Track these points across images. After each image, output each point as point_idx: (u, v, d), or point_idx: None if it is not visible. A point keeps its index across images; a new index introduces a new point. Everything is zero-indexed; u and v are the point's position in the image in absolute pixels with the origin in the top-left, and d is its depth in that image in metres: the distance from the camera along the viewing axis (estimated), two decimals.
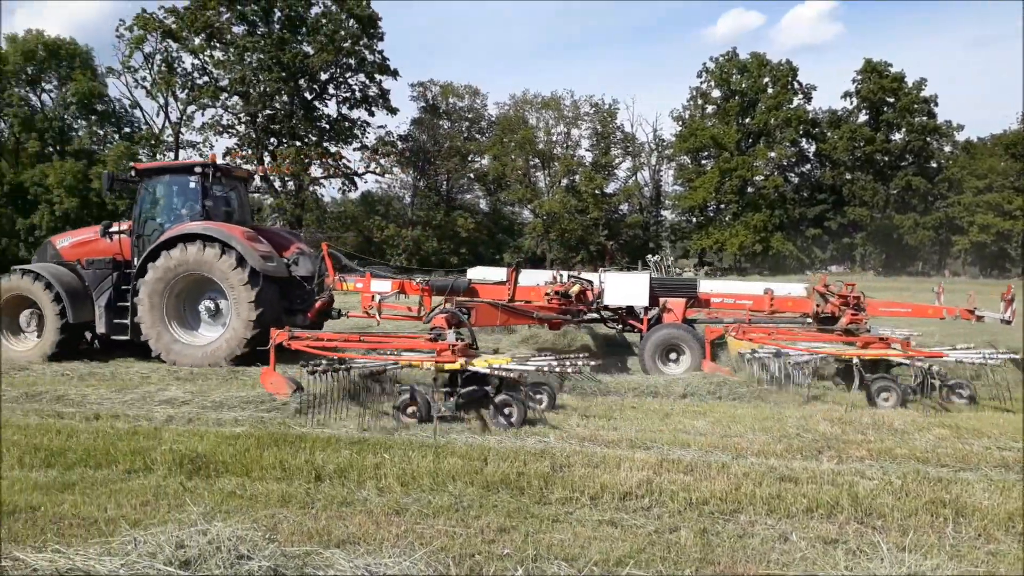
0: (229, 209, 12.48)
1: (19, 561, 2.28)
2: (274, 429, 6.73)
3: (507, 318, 10.94)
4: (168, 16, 52.70)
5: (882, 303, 10.59)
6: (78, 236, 12.70)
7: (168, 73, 54.73)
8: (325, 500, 4.80)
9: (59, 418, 7.24)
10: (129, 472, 5.38)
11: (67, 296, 11.26)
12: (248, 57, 52.88)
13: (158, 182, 12.21)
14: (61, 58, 55.92)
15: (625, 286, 10.94)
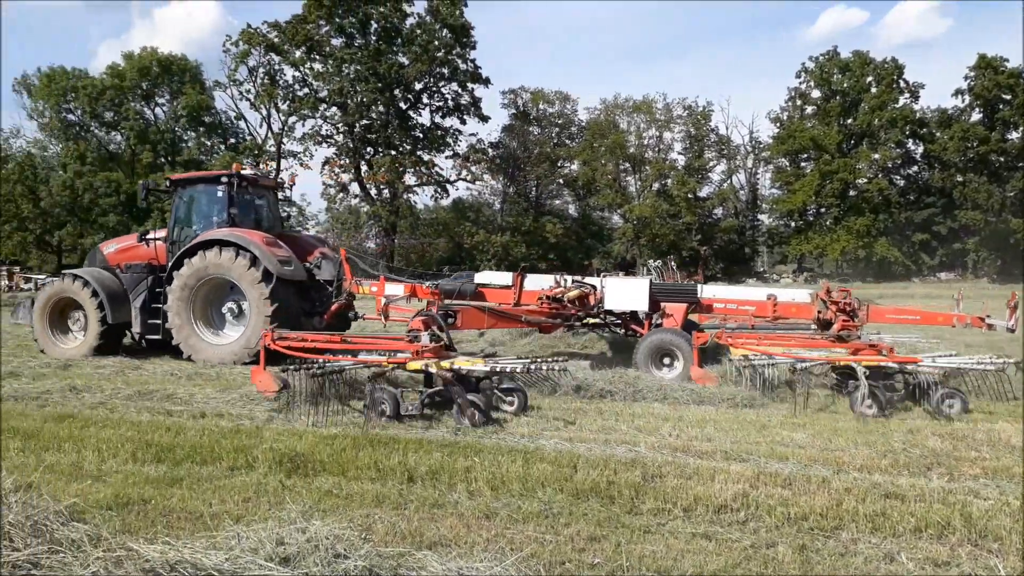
0: (258, 216, 13.02)
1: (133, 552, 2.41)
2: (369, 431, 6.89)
3: (494, 322, 10.98)
4: (271, 31, 55.04)
5: (890, 310, 10.39)
6: (121, 243, 13.48)
7: (270, 85, 57.09)
8: (417, 501, 4.87)
9: (168, 416, 7.63)
10: (232, 469, 5.61)
11: (107, 298, 12.07)
12: (346, 69, 54.58)
13: (190, 191, 12.89)
14: (173, 73, 59.25)
15: (625, 291, 10.93)
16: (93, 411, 7.81)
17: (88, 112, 58.68)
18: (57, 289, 12.68)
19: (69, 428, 6.87)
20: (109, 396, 8.58)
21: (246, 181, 12.64)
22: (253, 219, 12.81)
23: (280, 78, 57.98)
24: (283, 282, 11.33)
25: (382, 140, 56.41)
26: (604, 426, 7.20)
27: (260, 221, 12.98)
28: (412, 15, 55.68)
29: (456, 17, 54.53)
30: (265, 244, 11.47)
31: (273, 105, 58.64)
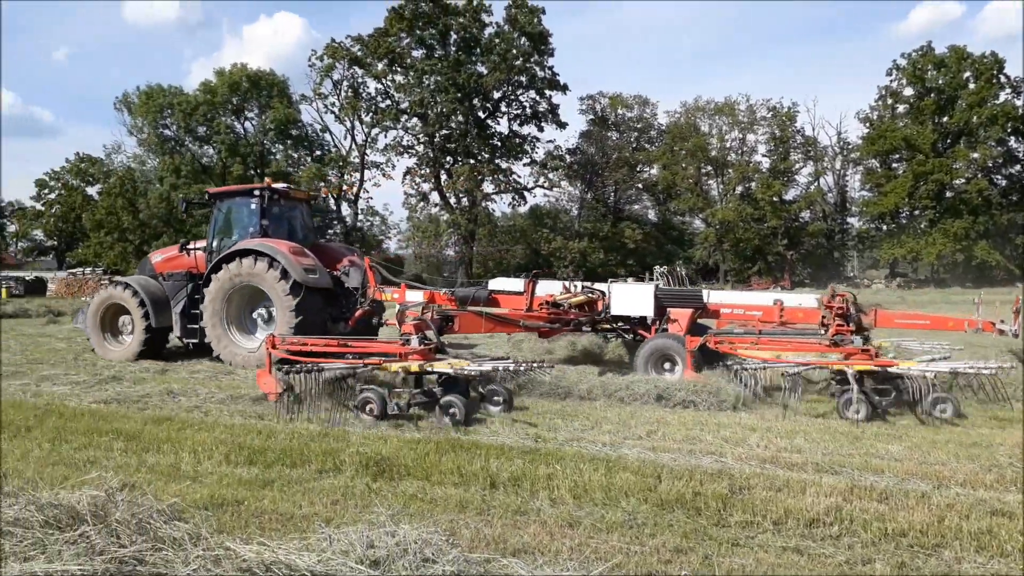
0: (291, 227, 13.66)
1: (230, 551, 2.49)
2: (449, 435, 6.96)
3: (492, 326, 11.25)
4: (354, 44, 56.51)
5: (898, 315, 10.31)
6: (166, 253, 14.33)
7: (354, 98, 58.58)
8: (500, 508, 4.88)
9: (260, 419, 7.88)
10: (320, 472, 5.74)
11: (151, 304, 12.93)
12: (426, 80, 55.53)
13: (227, 204, 13.65)
14: (261, 88, 61.51)
15: (630, 297, 11.19)
16: (189, 414, 8.14)
17: (183, 127, 61.53)
18: (107, 296, 13.53)
19: (167, 430, 7.18)
20: (203, 400, 8.93)
21: (278, 194, 13.31)
22: (286, 230, 13.47)
23: (363, 91, 59.45)
24: (309, 289, 11.82)
25: (461, 149, 57.11)
26: (688, 436, 7.06)
27: (293, 232, 13.63)
28: (491, 24, 56.26)
29: (534, 25, 54.81)
30: (292, 253, 12.00)
31: (357, 117, 60.15)
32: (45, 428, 7.26)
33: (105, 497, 2.94)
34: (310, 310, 11.75)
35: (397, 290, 11.53)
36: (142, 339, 12.98)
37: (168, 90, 62.14)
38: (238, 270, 12.13)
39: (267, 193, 13.00)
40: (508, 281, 12.44)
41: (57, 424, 7.44)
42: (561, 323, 11.41)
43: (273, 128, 61.01)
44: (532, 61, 56.43)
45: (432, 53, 56.53)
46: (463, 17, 54.76)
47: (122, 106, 63.79)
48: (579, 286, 11.48)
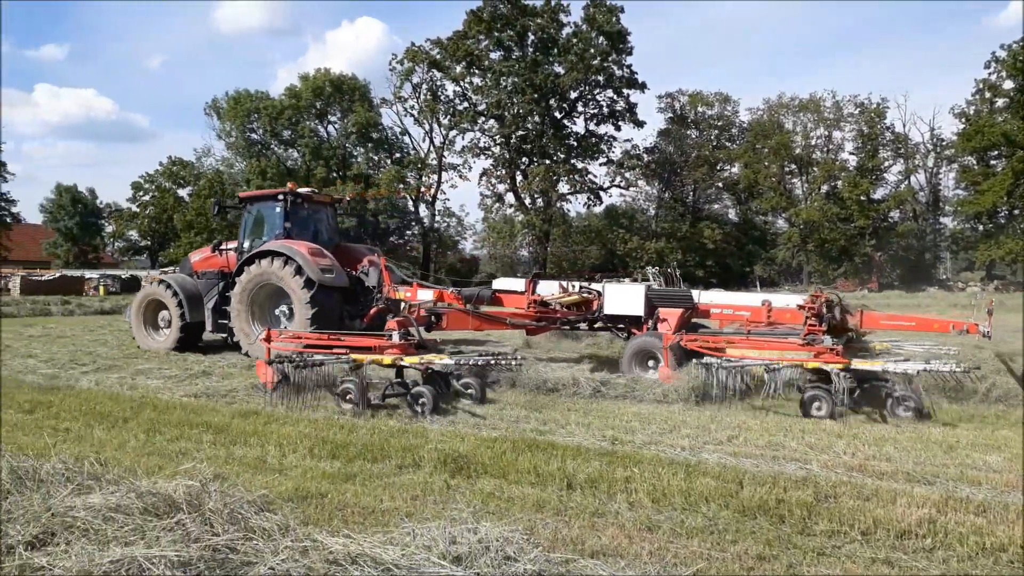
0: (316, 229, 14.46)
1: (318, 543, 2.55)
2: (527, 435, 6.97)
3: (479, 324, 11.93)
4: (433, 48, 57.30)
5: (884, 316, 10.36)
6: (202, 253, 15.34)
7: (433, 101, 59.41)
8: (577, 509, 4.86)
9: (341, 414, 8.08)
10: (400, 467, 5.84)
11: (186, 300, 13.93)
12: (503, 81, 55.85)
13: (257, 207, 14.55)
14: (343, 93, 63.02)
15: (623, 297, 11.48)
16: (274, 408, 8.40)
17: (268, 131, 63.62)
18: (148, 292, 14.72)
19: (254, 424, 7.43)
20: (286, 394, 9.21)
21: (301, 198, 14.16)
22: (311, 232, 14.27)
23: (441, 93, 60.23)
24: (324, 287, 12.47)
25: (537, 150, 57.20)
26: (771, 441, 6.88)
27: (318, 233, 14.42)
28: (568, 24, 56.14)
29: (612, 24, 54.42)
30: (310, 254, 12.67)
31: (435, 119, 60.99)
32: (140, 420, 7.62)
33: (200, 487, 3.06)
34: (326, 306, 12.37)
35: (410, 289, 12.25)
36: (178, 332, 13.97)
37: (255, 95, 64.39)
38: (261, 269, 12.89)
39: (290, 197, 13.81)
40: (511, 281, 13.06)
41: (151, 416, 7.80)
42: (548, 321, 11.94)
43: (355, 131, 62.41)
44: (610, 60, 56.03)
45: (510, 54, 56.81)
46: (541, 18, 54.83)
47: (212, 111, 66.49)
48: (576, 286, 11.86)
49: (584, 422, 7.60)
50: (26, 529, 2.81)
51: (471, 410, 8.30)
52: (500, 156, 59.21)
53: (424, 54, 57.57)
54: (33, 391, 9.44)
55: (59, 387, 9.85)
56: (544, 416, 7.90)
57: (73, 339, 15.59)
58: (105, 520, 2.82)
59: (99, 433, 7.04)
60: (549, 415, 7.95)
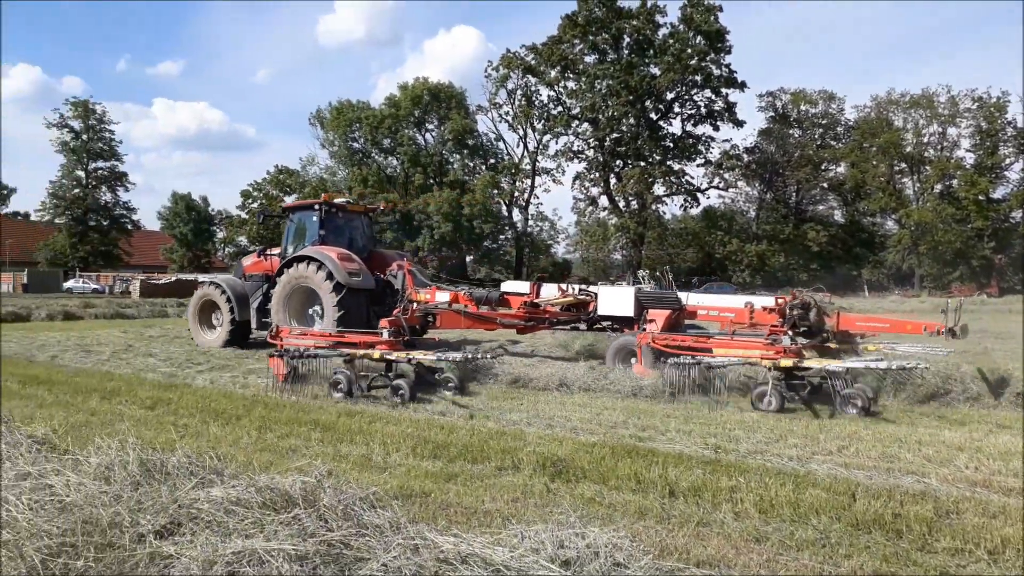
0: (351, 236, 15.49)
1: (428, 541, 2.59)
2: (626, 441, 6.89)
3: (470, 323, 12.85)
4: (528, 53, 57.68)
5: (860, 318, 10.58)
6: (252, 258, 16.61)
7: (527, 106, 59.82)
8: (680, 517, 4.76)
9: (442, 416, 8.20)
10: (500, 469, 5.87)
11: (235, 300, 15.15)
12: (598, 84, 55.64)
13: (298, 215, 15.69)
14: (441, 100, 64.25)
15: (615, 299, 12.04)
16: (377, 408, 8.62)
17: (369, 140, 65.57)
18: (203, 293, 15.97)
19: (359, 422, 7.64)
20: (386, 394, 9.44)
21: (336, 208, 15.29)
22: (347, 239, 15.29)
23: (536, 98, 60.59)
24: (351, 289, 13.40)
25: (632, 152, 56.69)
26: (885, 453, 6.54)
27: (353, 240, 15.43)
28: (665, 25, 55.42)
29: (711, 23, 53.38)
30: (339, 259, 13.64)
31: (529, 125, 61.38)
32: (253, 417, 7.95)
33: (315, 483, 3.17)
34: (352, 307, 13.25)
35: (429, 291, 13.24)
36: (228, 329, 15.19)
37: (356, 105, 66.51)
38: (296, 273, 13.98)
39: (325, 207, 15.00)
40: (518, 284, 13.71)
41: (263, 414, 8.13)
42: (537, 321, 12.64)
43: (451, 138, 63.54)
44: (708, 60, 54.95)
45: (604, 57, 56.57)
46: (637, 19, 54.35)
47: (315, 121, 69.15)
48: (576, 289, 12.53)
49: (685, 429, 7.45)
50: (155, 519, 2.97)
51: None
52: (594, 159, 58.99)
53: (519, 60, 58.05)
54: (153, 388, 10.01)
55: (177, 385, 10.42)
56: (643, 422, 7.80)
57: (188, 340, 16.48)
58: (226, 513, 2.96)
59: (215, 429, 7.39)
60: (648, 421, 7.84)
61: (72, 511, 3.17)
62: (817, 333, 10.06)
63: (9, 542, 3.13)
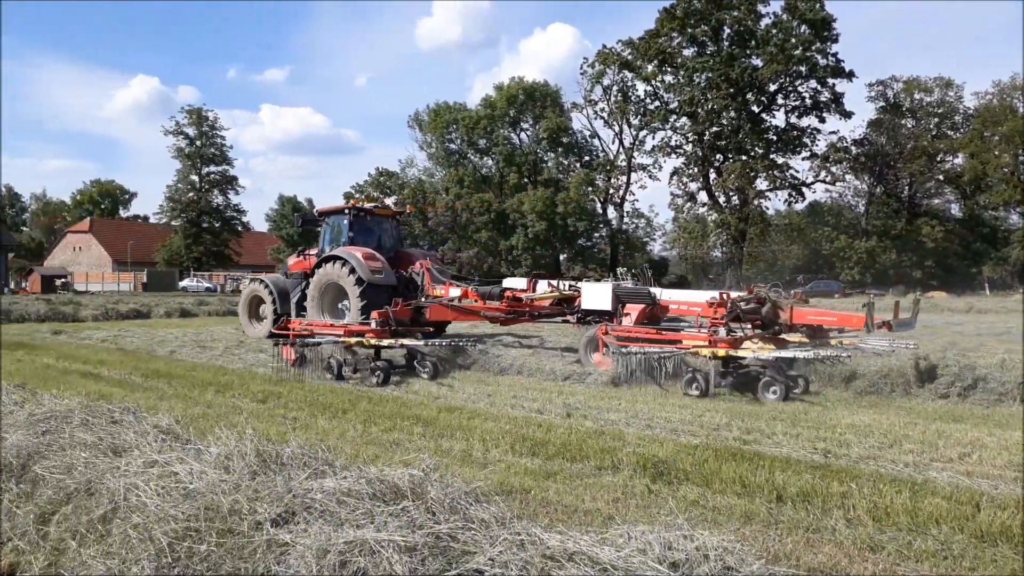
0: (379, 237, 16.86)
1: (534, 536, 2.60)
2: (729, 444, 6.73)
3: (456, 315, 14.35)
4: (624, 49, 57.07)
5: (811, 312, 11.04)
6: (294, 258, 18.16)
7: (623, 102, 59.21)
8: (789, 523, 4.60)
9: (540, 414, 8.23)
10: (599, 468, 5.84)
11: (277, 296, 16.93)
12: (697, 77, 54.49)
13: (332, 219, 16.98)
14: (535, 99, 64.42)
15: (595, 294, 12.77)
16: (475, 404, 8.73)
17: (466, 141, 66.46)
18: (251, 290, 18.06)
19: (459, 418, 7.76)
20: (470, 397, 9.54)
21: (365, 212, 16.77)
22: (375, 239, 16.65)
23: (632, 94, 59.90)
24: (374, 286, 14.58)
25: (732, 146, 55.23)
26: (1011, 461, 6.13)
27: (380, 241, 16.77)
28: (767, 15, 53.72)
29: (816, 11, 51.38)
30: (363, 258, 14.90)
31: (625, 121, 60.76)
32: (358, 411, 8.21)
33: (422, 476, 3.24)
34: (374, 301, 13.91)
35: (444, 287, 14.56)
36: (271, 320, 16.60)
37: (453, 107, 67.54)
38: (327, 271, 15.39)
39: (353, 212, 16.48)
40: (518, 280, 15.00)
41: (367, 408, 8.39)
42: (517, 314, 13.92)
43: (545, 137, 63.62)
44: (813, 49, 52.90)
45: (704, 50, 55.35)
46: (738, 10, 52.88)
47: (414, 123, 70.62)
48: (566, 285, 13.45)
49: (792, 432, 7.20)
50: (271, 508, 3.11)
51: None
52: (692, 154, 57.84)
53: (615, 55, 57.54)
54: (264, 382, 10.48)
55: (286, 380, 10.86)
56: (747, 425, 7.59)
57: None
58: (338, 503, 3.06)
59: (322, 422, 7.67)
60: (753, 424, 7.62)
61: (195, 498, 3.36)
62: (771, 325, 10.80)
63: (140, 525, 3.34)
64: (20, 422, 5.35)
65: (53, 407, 5.65)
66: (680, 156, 59.09)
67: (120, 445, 4.54)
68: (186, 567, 2.96)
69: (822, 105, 55.68)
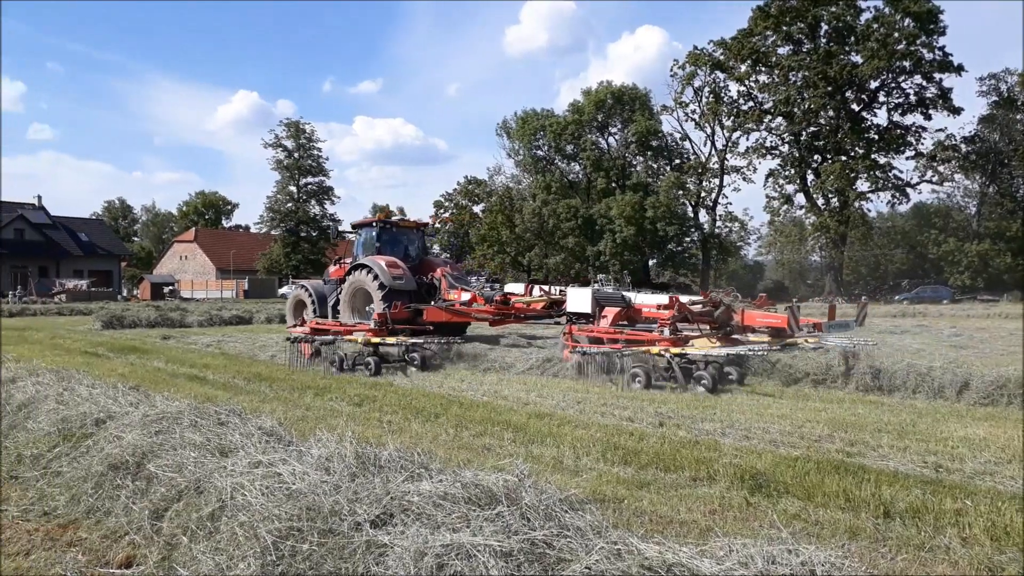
0: (406, 247, 18.83)
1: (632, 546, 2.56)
2: (832, 456, 6.46)
3: (450, 316, 15.97)
4: (716, 49, 55.96)
5: (759, 315, 12.24)
6: (333, 266, 19.85)
7: (715, 103, 58.02)
8: (898, 540, 4.37)
9: (631, 422, 8.12)
10: (694, 479, 5.70)
11: (317, 300, 18.87)
12: (793, 76, 52.88)
13: (363, 231, 19.12)
14: (624, 103, 63.88)
15: (578, 298, 14.22)
16: (564, 411, 8.69)
17: (553, 147, 66.55)
18: (295, 294, 20.15)
19: (549, 425, 7.74)
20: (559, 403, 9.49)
21: (391, 224, 18.97)
22: (402, 249, 18.57)
23: (724, 95, 58.65)
24: (395, 290, 16.32)
25: (831, 146, 53.24)
26: None
27: (406, 251, 18.70)
28: (868, 10, 51.64)
29: (921, 3, 48.99)
30: (387, 265, 16.71)
31: (717, 122, 59.52)
32: (449, 416, 8.30)
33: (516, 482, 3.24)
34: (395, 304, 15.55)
35: (457, 291, 16.48)
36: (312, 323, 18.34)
37: (541, 113, 67.78)
38: (355, 278, 17.39)
39: (380, 224, 18.67)
40: (516, 286, 17.29)
41: (458, 413, 8.47)
42: (504, 316, 15.69)
43: (634, 140, 63.00)
44: (918, 43, 50.45)
45: (800, 48, 53.67)
46: (836, 6, 51.02)
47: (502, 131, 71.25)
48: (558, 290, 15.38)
49: (899, 445, 6.86)
50: (370, 509, 3.18)
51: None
52: (788, 155, 56.10)
53: (706, 56, 56.51)
54: (360, 386, 10.74)
55: (380, 383, 11.11)
56: (851, 436, 7.28)
57: None
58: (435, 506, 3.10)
59: (415, 426, 7.80)
60: (857, 436, 7.30)
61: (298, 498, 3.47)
62: (724, 326, 12.18)
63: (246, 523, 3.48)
64: (135, 422, 5.67)
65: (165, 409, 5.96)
66: (776, 157, 57.44)
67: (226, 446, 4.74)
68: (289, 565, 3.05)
69: (928, 102, 53.05)
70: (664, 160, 65.37)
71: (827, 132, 53.37)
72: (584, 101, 65.28)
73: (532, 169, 68.34)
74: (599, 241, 60.53)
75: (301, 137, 77.31)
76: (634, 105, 63.78)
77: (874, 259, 56.94)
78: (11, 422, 6.89)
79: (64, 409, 6.52)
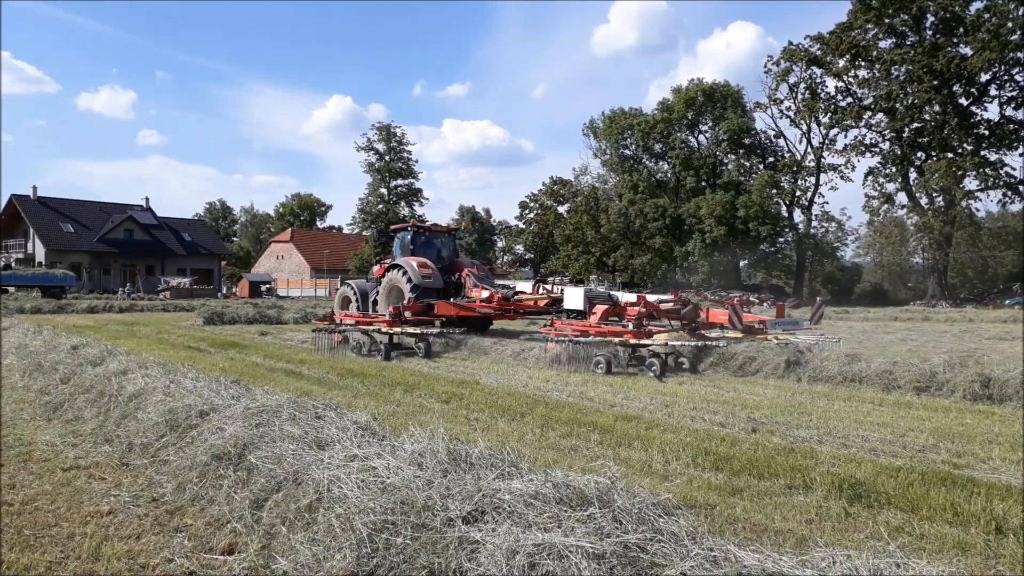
0: (438, 249, 20.72)
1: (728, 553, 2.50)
2: (938, 467, 6.15)
3: (457, 311, 17.70)
4: (813, 44, 54.10)
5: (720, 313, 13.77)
6: (376, 266, 21.25)
7: (811, 99, 56.10)
8: (1012, 558, 4.12)
9: (722, 427, 7.94)
10: (789, 487, 5.52)
11: (360, 296, 20.60)
12: (895, 71, 50.56)
13: (399, 234, 20.95)
14: (715, 101, 62.49)
15: (572, 296, 15.83)
16: (652, 415, 8.58)
17: (640, 146, 65.76)
18: (342, 291, 21.84)
19: (636, 428, 7.66)
20: (645, 407, 9.34)
21: (423, 229, 20.99)
22: (435, 251, 20.51)
23: (821, 91, 56.64)
24: (424, 288, 18.26)
25: (936, 142, 50.58)
26: None
27: (440, 252, 20.65)
28: None
29: None
30: (417, 266, 18.65)
31: (813, 119, 57.54)
32: (535, 415, 8.32)
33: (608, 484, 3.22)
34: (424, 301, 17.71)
35: (478, 289, 17.97)
36: None
37: (628, 112, 67.09)
38: (390, 276, 19.34)
39: (414, 228, 20.47)
40: (525, 284, 18.49)
41: (544, 413, 8.48)
42: (504, 311, 17.62)
43: (726, 138, 61.55)
44: None
45: (903, 41, 51.27)
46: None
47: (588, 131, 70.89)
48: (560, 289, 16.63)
49: (1012, 457, 6.46)
50: (462, 505, 3.22)
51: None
52: (890, 152, 53.63)
53: (802, 51, 54.72)
54: (448, 384, 10.90)
55: (467, 382, 11.24)
56: (958, 447, 6.91)
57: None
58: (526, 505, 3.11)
59: (502, 425, 7.86)
60: (965, 447, 6.92)
61: (392, 492, 3.54)
62: (691, 322, 13.68)
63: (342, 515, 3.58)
64: (237, 415, 5.92)
65: (265, 402, 6.20)
66: (876, 155, 54.97)
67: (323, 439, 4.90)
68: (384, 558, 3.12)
69: None
70: (757, 158, 63.56)
71: (932, 128, 50.72)
72: (674, 99, 64.16)
73: (619, 169, 67.67)
74: (687, 241, 59.39)
75: (392, 140, 79.11)
76: (726, 102, 62.27)
77: (982, 261, 53.84)
78: (123, 412, 7.31)
79: (171, 401, 6.86)
